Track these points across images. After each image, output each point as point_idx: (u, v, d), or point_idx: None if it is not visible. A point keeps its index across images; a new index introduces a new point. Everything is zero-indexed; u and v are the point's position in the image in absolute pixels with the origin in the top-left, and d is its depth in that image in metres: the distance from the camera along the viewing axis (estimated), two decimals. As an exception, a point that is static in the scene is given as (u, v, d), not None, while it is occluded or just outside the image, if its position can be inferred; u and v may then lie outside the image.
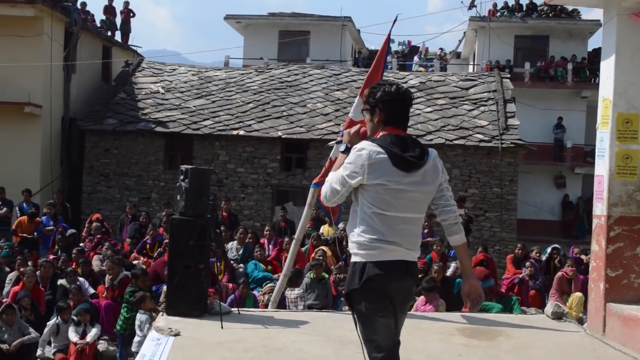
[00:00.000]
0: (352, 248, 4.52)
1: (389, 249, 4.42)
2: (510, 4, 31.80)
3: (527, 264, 13.30)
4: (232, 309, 8.72)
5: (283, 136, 20.46)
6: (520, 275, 13.24)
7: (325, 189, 4.58)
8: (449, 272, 13.25)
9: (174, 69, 24.99)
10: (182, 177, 8.45)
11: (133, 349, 9.85)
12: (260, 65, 26.40)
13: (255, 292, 12.36)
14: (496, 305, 11.79)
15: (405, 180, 4.40)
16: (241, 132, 20.64)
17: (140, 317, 10.13)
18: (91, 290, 12.58)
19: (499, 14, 31.63)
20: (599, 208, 7.85)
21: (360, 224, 4.47)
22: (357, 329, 4.52)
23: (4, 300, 11.95)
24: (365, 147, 4.42)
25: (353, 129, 4.73)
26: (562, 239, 23.42)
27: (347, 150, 4.58)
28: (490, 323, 8.51)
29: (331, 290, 11.94)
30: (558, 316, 8.56)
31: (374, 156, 4.37)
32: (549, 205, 28.36)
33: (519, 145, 19.90)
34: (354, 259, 4.51)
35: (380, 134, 4.54)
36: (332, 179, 4.55)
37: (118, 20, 28.17)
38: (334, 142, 5.56)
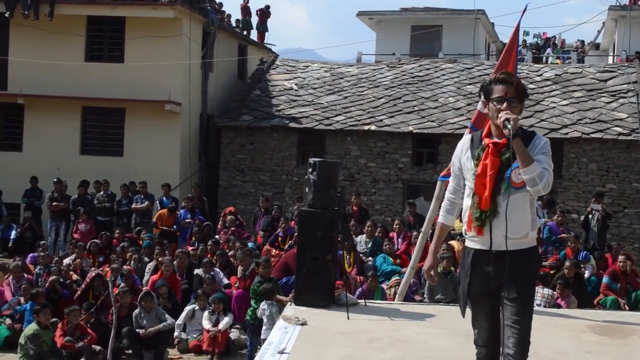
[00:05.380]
0: (531, 236, 4.68)
1: None
2: (653, -9, 30.34)
3: (667, 261, 12.72)
4: (359, 301, 8.80)
5: (414, 131, 20.38)
6: (660, 274, 12.68)
7: (546, 178, 4.47)
8: (586, 275, 12.87)
9: (307, 66, 25.33)
10: (310, 169, 8.59)
11: (262, 336, 10.08)
12: (392, 61, 26.36)
13: (383, 285, 12.42)
14: (609, 298, 11.57)
15: None
16: (373, 127, 20.70)
17: (266, 307, 10.31)
18: (225, 281, 13.01)
19: (640, 2, 30.24)
20: None
21: (534, 214, 4.70)
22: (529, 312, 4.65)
23: (144, 288, 12.56)
24: None
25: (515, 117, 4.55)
26: None
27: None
28: (624, 321, 8.20)
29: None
30: (698, 315, 8.16)
31: None
32: (695, 201, 26.87)
33: (661, 138, 19.00)
34: (531, 244, 4.71)
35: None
36: (549, 169, 4.51)
37: (254, 20, 28.92)
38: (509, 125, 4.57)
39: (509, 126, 4.40)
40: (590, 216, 15.48)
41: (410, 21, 31.82)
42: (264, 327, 10.14)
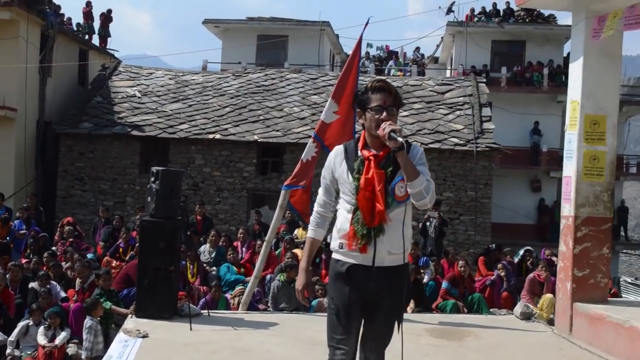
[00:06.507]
0: (408, 251, 4.45)
1: None
2: (487, 9, 32.00)
3: (499, 265, 13.31)
4: (202, 311, 8.73)
5: (259, 140, 20.44)
6: (492, 277, 13.25)
7: (432, 190, 4.31)
8: (425, 280, 13.26)
9: (151, 73, 24.90)
10: (152, 178, 8.44)
11: (82, 357, 9.75)
12: (237, 70, 26.36)
13: (227, 294, 12.33)
14: (449, 302, 12.01)
15: None
16: (217, 136, 20.60)
17: (88, 322, 10.01)
18: (63, 294, 12.49)
19: (476, 19, 31.81)
20: (567, 209, 7.89)
21: (411, 229, 4.54)
22: (399, 331, 4.57)
23: (-27, 303, 11.84)
24: None
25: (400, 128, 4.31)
26: (538, 243, 23.56)
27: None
28: (460, 324, 8.54)
29: (303, 293, 11.87)
30: (527, 316, 8.62)
31: None
32: (525, 209, 28.51)
33: (494, 148, 20.00)
34: (407, 260, 4.48)
35: None
36: (431, 180, 4.33)
37: (97, 25, 28.06)
38: (399, 137, 4.25)
39: (400, 140, 4.17)
40: (427, 223, 16.03)
41: (256, 30, 32.00)
42: (84, 344, 9.82)
